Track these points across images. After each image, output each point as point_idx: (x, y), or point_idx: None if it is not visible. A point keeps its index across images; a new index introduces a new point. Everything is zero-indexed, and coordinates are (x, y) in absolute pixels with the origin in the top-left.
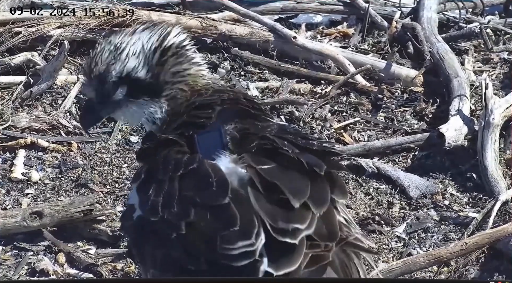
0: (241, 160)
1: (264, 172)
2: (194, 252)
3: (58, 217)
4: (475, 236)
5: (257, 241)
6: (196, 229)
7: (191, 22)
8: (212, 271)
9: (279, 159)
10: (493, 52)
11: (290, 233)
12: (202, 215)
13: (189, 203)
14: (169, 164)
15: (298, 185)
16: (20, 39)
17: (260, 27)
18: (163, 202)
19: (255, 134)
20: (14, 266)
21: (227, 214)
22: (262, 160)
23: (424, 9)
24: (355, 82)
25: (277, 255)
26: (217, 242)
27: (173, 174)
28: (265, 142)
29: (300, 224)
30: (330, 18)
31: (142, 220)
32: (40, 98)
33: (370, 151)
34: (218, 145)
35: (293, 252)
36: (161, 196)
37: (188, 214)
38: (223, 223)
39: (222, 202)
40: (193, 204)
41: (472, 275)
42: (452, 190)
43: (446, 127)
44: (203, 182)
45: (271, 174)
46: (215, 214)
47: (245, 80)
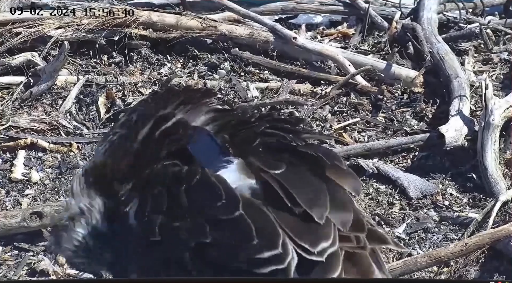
0: (248, 165)
1: (278, 178)
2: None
3: (58, 217)
4: (475, 236)
5: (285, 251)
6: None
7: (191, 23)
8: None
9: (289, 155)
10: (493, 52)
11: (319, 253)
12: (216, 234)
13: (197, 221)
14: (167, 179)
15: (316, 193)
16: (20, 40)
17: (260, 28)
18: (167, 221)
19: (248, 129)
20: (14, 267)
21: (242, 227)
22: (273, 163)
23: (424, 10)
24: (355, 83)
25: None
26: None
27: (174, 188)
28: (267, 138)
29: (325, 241)
30: (330, 18)
31: (140, 239)
32: (40, 98)
33: (370, 151)
34: (216, 150)
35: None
36: (160, 214)
37: (198, 234)
38: (240, 238)
39: (234, 215)
40: (203, 221)
41: (472, 275)
42: (452, 191)
43: (446, 127)
44: (210, 195)
45: (286, 180)
46: (229, 229)
47: (245, 81)
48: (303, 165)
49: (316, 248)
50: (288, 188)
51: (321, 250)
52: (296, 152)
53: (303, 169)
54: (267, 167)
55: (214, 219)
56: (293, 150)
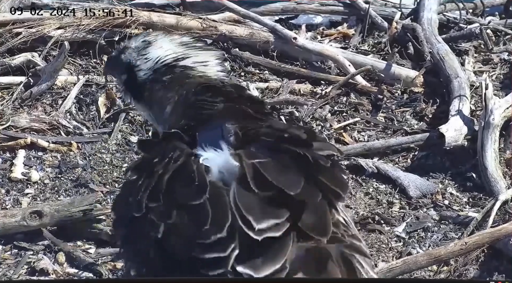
0: (238, 154)
1: (256, 165)
2: (171, 251)
3: (58, 216)
4: (474, 235)
5: (231, 236)
6: (175, 229)
7: (191, 23)
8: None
9: (278, 154)
10: (493, 52)
11: (270, 229)
12: (181, 215)
13: (171, 203)
14: (162, 159)
15: (290, 181)
16: (20, 40)
17: (261, 28)
18: (148, 198)
19: (257, 131)
20: (13, 266)
21: (202, 213)
22: (257, 154)
23: (424, 10)
24: (355, 83)
25: (259, 254)
26: (192, 240)
27: (161, 170)
28: (266, 138)
29: (278, 219)
30: (330, 19)
31: (127, 214)
32: (40, 98)
33: (370, 151)
34: (219, 140)
35: (277, 249)
36: (147, 192)
37: (170, 215)
38: (198, 222)
39: (199, 201)
40: (175, 204)
41: (471, 274)
42: (452, 190)
43: (446, 127)
44: (186, 180)
45: (263, 168)
46: (192, 213)
47: (245, 81)
48: (291, 163)
49: (259, 225)
50: (260, 172)
51: (263, 229)
52: (289, 151)
53: (288, 166)
54: (248, 157)
55: (183, 203)
56: (287, 149)
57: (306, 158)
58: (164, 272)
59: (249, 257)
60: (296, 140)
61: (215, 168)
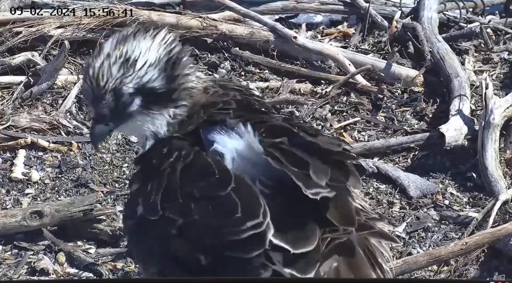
0: (259, 139)
1: (282, 147)
2: (197, 247)
3: (58, 216)
4: (475, 235)
5: (264, 219)
6: (198, 223)
7: (192, 22)
8: (219, 266)
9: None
10: (494, 52)
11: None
12: (204, 209)
13: (190, 198)
14: (169, 157)
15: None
16: (20, 39)
17: (261, 27)
18: (162, 199)
19: (265, 122)
20: (14, 266)
21: (229, 203)
22: (277, 140)
23: (424, 9)
24: (355, 82)
25: (292, 233)
26: (222, 231)
27: (173, 167)
28: (279, 129)
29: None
30: (330, 18)
31: (143, 219)
32: (40, 98)
33: (370, 150)
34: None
35: (309, 231)
36: (160, 193)
37: (189, 210)
38: (225, 212)
39: (224, 192)
40: (194, 198)
41: (472, 274)
42: (452, 190)
43: (446, 127)
44: (203, 173)
45: (287, 151)
46: (217, 205)
47: (246, 80)
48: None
49: (310, 190)
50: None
51: (315, 192)
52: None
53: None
54: (272, 137)
55: (206, 195)
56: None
57: (318, 146)
58: (188, 268)
59: (285, 235)
60: (306, 131)
61: (229, 155)
